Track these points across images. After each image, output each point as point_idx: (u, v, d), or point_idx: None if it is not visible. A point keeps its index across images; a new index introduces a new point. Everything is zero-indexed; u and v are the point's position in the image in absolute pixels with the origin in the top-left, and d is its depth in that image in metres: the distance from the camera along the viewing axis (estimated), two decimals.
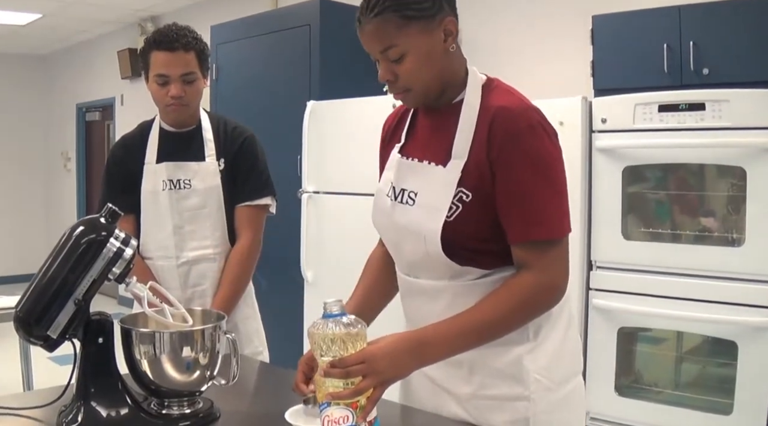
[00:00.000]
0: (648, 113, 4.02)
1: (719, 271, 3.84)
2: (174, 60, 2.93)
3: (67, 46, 11.81)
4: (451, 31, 1.96)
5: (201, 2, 8.85)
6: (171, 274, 3.06)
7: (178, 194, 3.04)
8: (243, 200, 3.10)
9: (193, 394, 2.05)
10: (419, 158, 2.08)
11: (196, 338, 1.98)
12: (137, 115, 10.22)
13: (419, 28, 1.92)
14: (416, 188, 2.05)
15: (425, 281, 2.06)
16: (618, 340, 4.18)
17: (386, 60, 1.97)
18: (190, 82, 2.99)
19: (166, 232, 3.05)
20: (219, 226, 3.08)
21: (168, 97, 2.96)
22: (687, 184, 4.17)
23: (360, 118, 5.23)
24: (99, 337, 1.98)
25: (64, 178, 12.27)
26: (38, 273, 1.95)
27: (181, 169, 3.06)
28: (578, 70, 4.72)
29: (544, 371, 1.99)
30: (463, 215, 1.94)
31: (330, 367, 1.73)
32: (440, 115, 2.07)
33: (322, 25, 5.92)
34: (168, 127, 3.12)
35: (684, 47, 4.10)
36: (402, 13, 1.90)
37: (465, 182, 1.94)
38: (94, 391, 1.96)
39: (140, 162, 3.08)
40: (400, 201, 2.08)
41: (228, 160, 3.10)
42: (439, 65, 1.98)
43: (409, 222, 2.03)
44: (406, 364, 1.86)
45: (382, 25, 1.92)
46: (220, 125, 3.16)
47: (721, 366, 4.01)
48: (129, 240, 2.02)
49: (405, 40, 1.91)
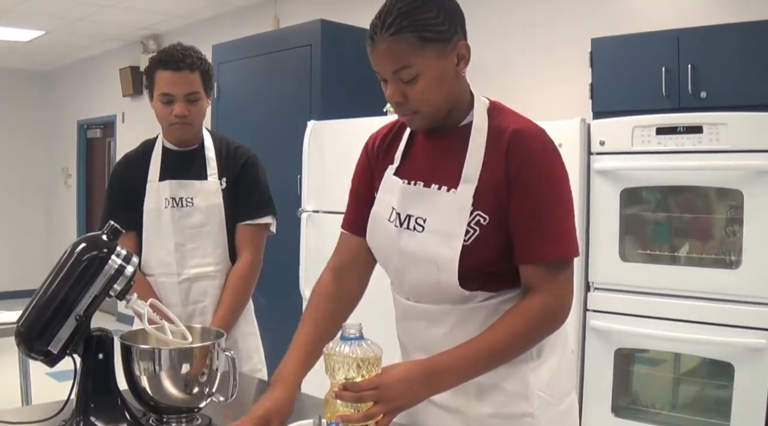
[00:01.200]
0: (646, 136, 4.04)
1: (716, 292, 3.85)
2: (179, 79, 2.96)
3: (70, 63, 11.85)
4: (463, 55, 1.96)
5: (203, 21, 8.90)
6: (172, 290, 3.08)
7: (180, 212, 3.07)
8: (244, 219, 3.12)
9: (192, 410, 2.07)
10: (425, 183, 2.05)
11: (195, 355, 2.00)
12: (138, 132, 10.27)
13: (435, 51, 1.90)
14: (424, 214, 2.02)
15: (428, 306, 2.05)
16: (615, 361, 4.18)
17: (397, 80, 1.94)
18: (195, 102, 3.02)
19: (168, 249, 3.07)
20: (220, 244, 3.10)
21: (172, 116, 3.00)
22: (684, 206, 4.19)
23: (360, 138, 5.16)
24: (99, 353, 2.00)
25: (64, 194, 12.28)
26: (40, 289, 1.97)
27: (183, 187, 3.08)
28: (577, 93, 4.75)
29: (546, 387, 2.02)
30: (480, 239, 1.94)
31: (342, 390, 1.73)
32: (445, 138, 2.06)
33: (323, 45, 5.95)
34: (171, 146, 3.15)
35: (682, 70, 4.13)
36: (420, 35, 1.87)
37: (481, 205, 1.94)
38: (94, 406, 1.98)
39: (143, 179, 3.11)
40: (406, 227, 2.05)
41: (230, 179, 3.12)
42: (449, 88, 1.97)
43: (419, 249, 2.01)
44: (418, 393, 1.86)
45: (398, 44, 1.89)
46: (222, 144, 3.18)
47: (718, 387, 4.02)
48: (130, 257, 2.04)
49: (420, 62, 1.89)
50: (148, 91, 3.10)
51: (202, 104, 3.07)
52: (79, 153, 12.05)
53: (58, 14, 8.59)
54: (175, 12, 8.64)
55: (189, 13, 8.69)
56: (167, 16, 8.85)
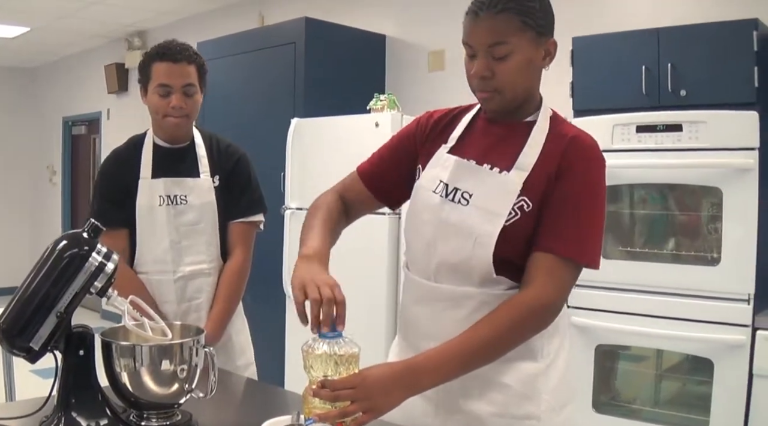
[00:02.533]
0: (626, 134, 4.08)
1: (696, 289, 3.89)
2: (177, 70, 2.98)
3: (55, 60, 11.82)
4: (550, 51, 2.06)
5: (188, 18, 8.90)
6: (167, 287, 3.08)
7: (174, 210, 3.07)
8: (237, 216, 3.16)
9: (172, 406, 2.08)
10: (477, 161, 2.11)
11: (175, 351, 2.01)
12: (123, 129, 10.27)
13: (532, 37, 2.00)
14: (471, 189, 2.07)
15: (449, 286, 2.07)
16: (596, 357, 4.22)
17: (488, 56, 2.00)
18: (191, 95, 3.03)
19: (163, 246, 3.07)
20: (213, 242, 3.12)
21: (169, 108, 3.00)
22: (664, 203, 4.23)
23: (343, 135, 5.28)
24: (80, 350, 2.01)
25: (49, 191, 12.25)
26: (21, 286, 1.98)
27: (177, 184, 3.08)
28: (558, 91, 4.74)
29: (553, 392, 2.03)
30: (519, 223, 1.99)
31: (320, 388, 1.75)
32: (508, 128, 2.12)
33: (307, 43, 5.97)
34: (161, 143, 3.14)
35: (662, 69, 4.15)
36: (523, 18, 1.97)
37: (529, 192, 2.00)
38: (75, 402, 1.99)
39: (133, 176, 3.09)
40: (451, 199, 2.09)
41: (222, 177, 3.14)
42: (532, 78, 2.08)
43: (461, 221, 2.05)
44: (397, 395, 1.86)
45: (502, 21, 1.97)
46: (213, 142, 3.20)
47: (698, 384, 4.06)
48: (111, 254, 2.05)
49: (516, 42, 1.98)
50: (141, 86, 3.10)
51: (197, 98, 3.08)
52: (64, 150, 12.02)
53: (44, 11, 8.58)
54: (161, 9, 8.64)
55: (175, 10, 8.69)
56: (153, 13, 8.85)
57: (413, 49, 6.32)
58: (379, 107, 5.43)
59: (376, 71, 6.50)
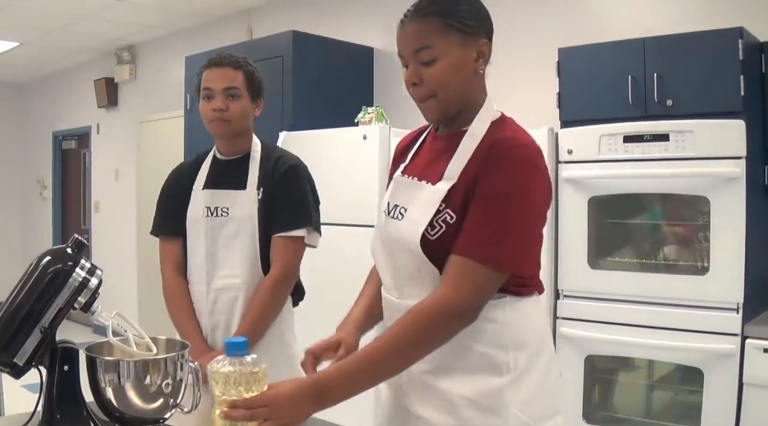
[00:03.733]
0: (613, 144, 4.09)
1: (684, 299, 3.89)
2: (219, 74, 3.00)
3: (44, 75, 11.81)
4: (483, 52, 2.05)
5: (177, 32, 8.90)
6: (202, 299, 3.06)
7: (214, 221, 3.04)
8: (277, 230, 3.04)
9: (157, 421, 2.07)
10: (418, 177, 2.12)
11: (160, 367, 2.01)
12: (113, 143, 10.28)
13: (457, 39, 2.00)
14: (406, 204, 2.08)
15: (411, 302, 1.98)
16: (585, 368, 4.22)
17: (416, 62, 2.03)
18: (234, 98, 3.01)
19: (201, 257, 3.06)
20: (249, 256, 3.03)
21: (210, 111, 3.00)
22: (652, 213, 4.24)
23: (331, 148, 5.28)
24: (65, 365, 2.02)
25: (40, 206, 12.23)
26: (5, 301, 1.99)
27: (220, 196, 3.06)
28: (545, 102, 4.77)
29: (522, 406, 1.98)
30: (447, 236, 1.96)
31: (232, 408, 1.71)
32: (447, 140, 2.11)
33: (294, 56, 5.97)
34: (220, 156, 3.16)
35: (648, 79, 4.16)
36: (446, 20, 1.99)
37: (451, 204, 1.98)
38: (60, 417, 2.00)
39: (188, 187, 3.13)
40: (392, 216, 2.12)
41: (267, 190, 3.06)
42: (465, 81, 2.05)
43: (398, 235, 2.06)
44: (305, 409, 1.83)
45: (425, 26, 2.00)
46: (266, 153, 3.15)
47: (688, 393, 4.06)
48: (94, 270, 2.06)
49: (441, 45, 1.99)
50: (197, 96, 3.12)
51: (242, 103, 3.04)
52: (54, 164, 12.00)
53: (33, 26, 8.57)
54: (150, 23, 8.63)
55: (164, 25, 8.69)
56: (142, 28, 8.85)
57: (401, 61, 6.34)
58: (367, 120, 5.44)
59: (364, 84, 6.50)
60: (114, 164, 10.24)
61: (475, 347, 1.98)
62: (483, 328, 1.97)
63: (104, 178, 10.52)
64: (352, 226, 5.08)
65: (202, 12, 8.11)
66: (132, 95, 9.95)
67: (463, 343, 1.97)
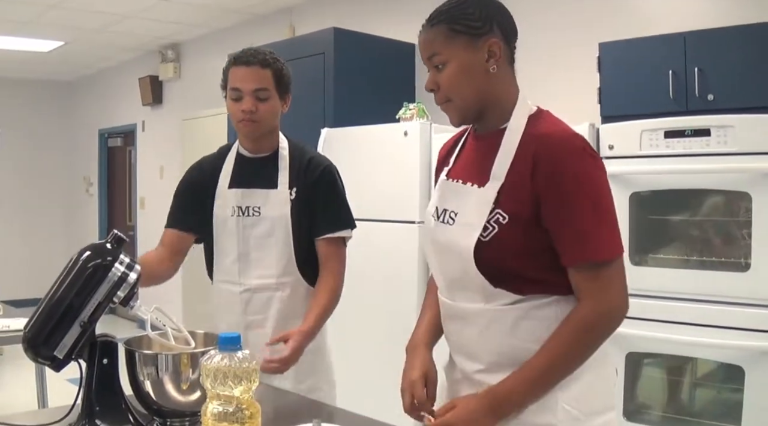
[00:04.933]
0: (654, 139, 4.05)
1: (726, 295, 3.84)
2: (248, 74, 2.91)
3: (90, 73, 11.96)
4: (494, 52, 2.06)
5: (220, 30, 8.97)
6: (234, 299, 3.02)
7: (245, 221, 2.99)
8: (323, 232, 3.02)
9: (196, 414, 2.09)
10: (463, 180, 2.16)
11: (198, 360, 2.01)
12: (158, 141, 10.38)
13: (464, 43, 2.05)
14: (456, 208, 2.12)
15: (462, 304, 2.12)
16: (626, 365, 4.19)
17: (432, 69, 2.12)
18: (264, 100, 2.93)
19: (232, 258, 3.02)
20: (284, 256, 2.99)
21: (240, 112, 2.92)
22: (693, 209, 4.20)
23: (373, 145, 5.29)
24: (104, 358, 2.05)
25: (86, 202, 12.39)
26: (46, 296, 2.02)
27: (250, 196, 3.01)
28: (585, 97, 4.75)
29: (573, 402, 2.00)
30: (499, 237, 2.00)
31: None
32: (486, 140, 2.14)
33: (336, 53, 6.01)
34: (245, 152, 3.10)
35: (689, 73, 4.12)
36: (451, 26, 2.06)
37: (503, 204, 2.01)
38: (99, 410, 2.03)
39: (210, 184, 3.08)
40: (442, 221, 2.16)
41: (300, 190, 3.01)
42: (479, 82, 2.08)
43: (448, 240, 2.11)
44: (485, 422, 1.97)
45: (434, 34, 2.09)
46: (297, 153, 3.09)
47: (729, 391, 4.01)
48: (133, 265, 2.09)
49: (449, 51, 2.06)
50: (223, 91, 3.04)
51: (272, 104, 2.96)
52: (100, 161, 12.16)
53: (78, 25, 8.69)
54: (193, 22, 8.71)
55: (207, 23, 8.76)
56: (185, 26, 8.93)
57: None
58: (408, 116, 5.43)
59: (405, 80, 6.49)
60: (159, 161, 10.33)
61: (527, 345, 2.01)
62: (534, 326, 2.01)
63: (149, 175, 10.62)
64: (393, 222, 5.09)
65: (245, 10, 8.16)
66: (176, 93, 10.04)
67: (515, 341, 2.03)
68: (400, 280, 5.11)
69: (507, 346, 2.03)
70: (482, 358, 2.08)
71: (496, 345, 2.05)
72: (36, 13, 8.08)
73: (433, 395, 2.19)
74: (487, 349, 2.07)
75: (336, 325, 3.20)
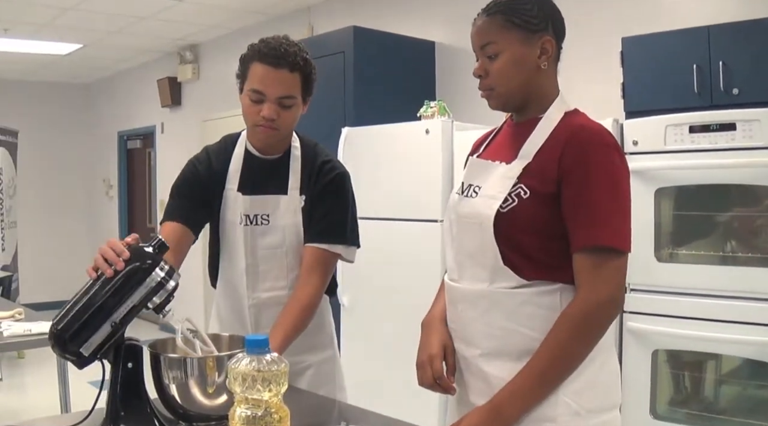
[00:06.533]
0: (679, 134, 4.02)
1: (753, 291, 3.81)
2: (275, 78, 2.60)
3: (109, 76, 12.00)
4: (547, 49, 2.13)
5: (238, 31, 8.96)
6: (242, 314, 2.81)
7: (254, 230, 2.75)
8: (317, 240, 2.75)
9: (221, 418, 2.07)
10: (491, 159, 2.21)
11: (224, 364, 2.01)
12: (178, 143, 10.39)
13: (519, 36, 2.11)
14: (481, 183, 2.18)
15: (467, 286, 2.15)
16: (652, 362, 4.16)
17: (483, 56, 2.16)
18: (287, 107, 2.66)
19: (239, 269, 2.78)
20: (295, 267, 2.77)
21: (259, 117, 2.63)
22: (720, 204, 4.15)
23: (394, 143, 5.28)
24: (129, 362, 2.03)
25: (106, 205, 12.42)
26: (80, 291, 2.03)
27: (259, 203, 2.76)
28: (609, 93, 4.73)
29: (574, 395, 2.01)
30: (516, 210, 2.04)
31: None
32: (522, 126, 2.19)
33: (356, 51, 6.00)
34: (254, 151, 2.82)
35: (714, 67, 4.10)
36: (509, 18, 2.11)
37: (525, 180, 2.06)
38: (125, 414, 2.01)
39: (217, 180, 2.81)
40: (466, 195, 2.21)
41: (309, 197, 2.78)
42: (527, 76, 2.14)
43: (471, 210, 2.15)
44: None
45: (490, 23, 2.14)
46: (309, 154, 2.85)
47: (757, 388, 3.98)
48: (173, 272, 2.07)
49: (503, 41, 2.11)
50: (239, 82, 2.73)
51: (295, 111, 2.71)
52: (120, 164, 12.20)
53: (95, 28, 8.71)
54: (212, 23, 8.71)
55: (225, 23, 8.76)
56: (204, 27, 8.93)
57: (463, 54, 6.27)
58: (429, 114, 5.42)
59: (426, 78, 6.49)
60: (179, 163, 10.26)
61: (525, 331, 2.04)
62: (535, 313, 2.04)
63: (169, 176, 10.58)
64: (414, 221, 5.07)
65: (263, 10, 8.17)
66: (195, 94, 10.05)
67: (514, 326, 2.05)
68: (422, 280, 5.09)
69: (506, 330, 2.06)
70: (480, 344, 2.11)
71: (494, 328, 2.07)
72: (52, 15, 8.11)
73: (453, 366, 2.21)
74: (486, 333, 2.09)
75: (357, 325, 3.18)
